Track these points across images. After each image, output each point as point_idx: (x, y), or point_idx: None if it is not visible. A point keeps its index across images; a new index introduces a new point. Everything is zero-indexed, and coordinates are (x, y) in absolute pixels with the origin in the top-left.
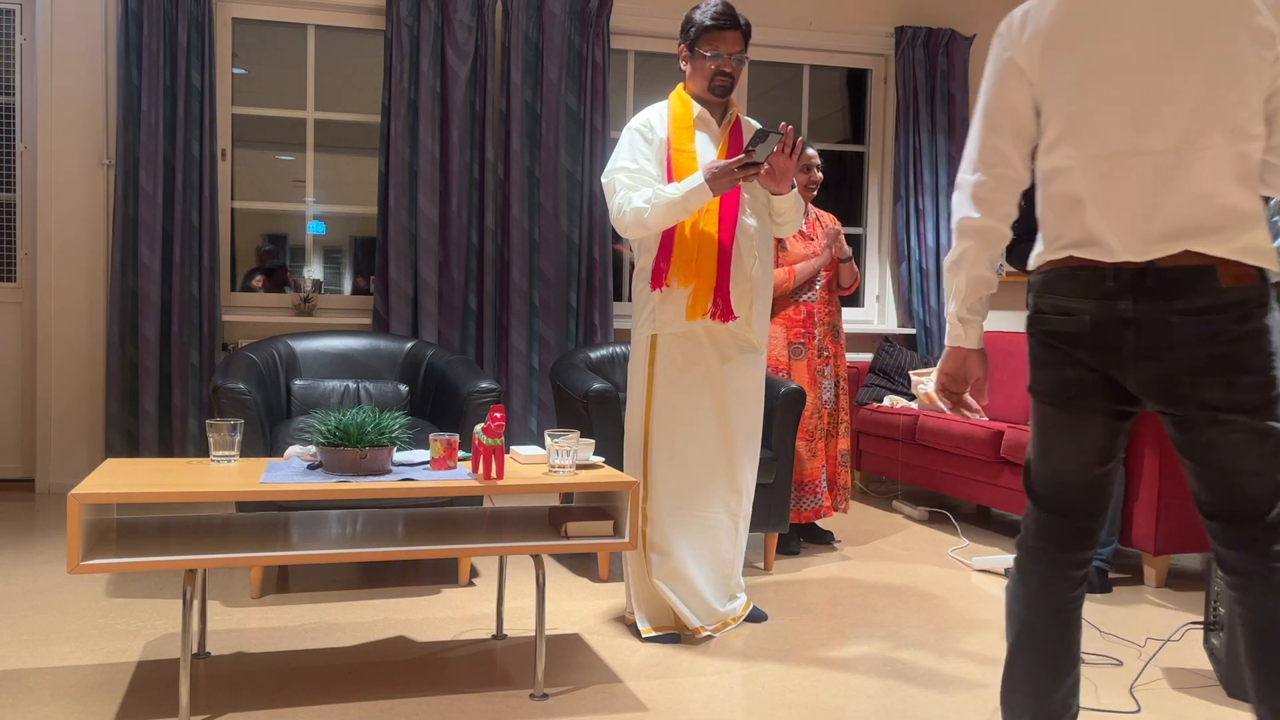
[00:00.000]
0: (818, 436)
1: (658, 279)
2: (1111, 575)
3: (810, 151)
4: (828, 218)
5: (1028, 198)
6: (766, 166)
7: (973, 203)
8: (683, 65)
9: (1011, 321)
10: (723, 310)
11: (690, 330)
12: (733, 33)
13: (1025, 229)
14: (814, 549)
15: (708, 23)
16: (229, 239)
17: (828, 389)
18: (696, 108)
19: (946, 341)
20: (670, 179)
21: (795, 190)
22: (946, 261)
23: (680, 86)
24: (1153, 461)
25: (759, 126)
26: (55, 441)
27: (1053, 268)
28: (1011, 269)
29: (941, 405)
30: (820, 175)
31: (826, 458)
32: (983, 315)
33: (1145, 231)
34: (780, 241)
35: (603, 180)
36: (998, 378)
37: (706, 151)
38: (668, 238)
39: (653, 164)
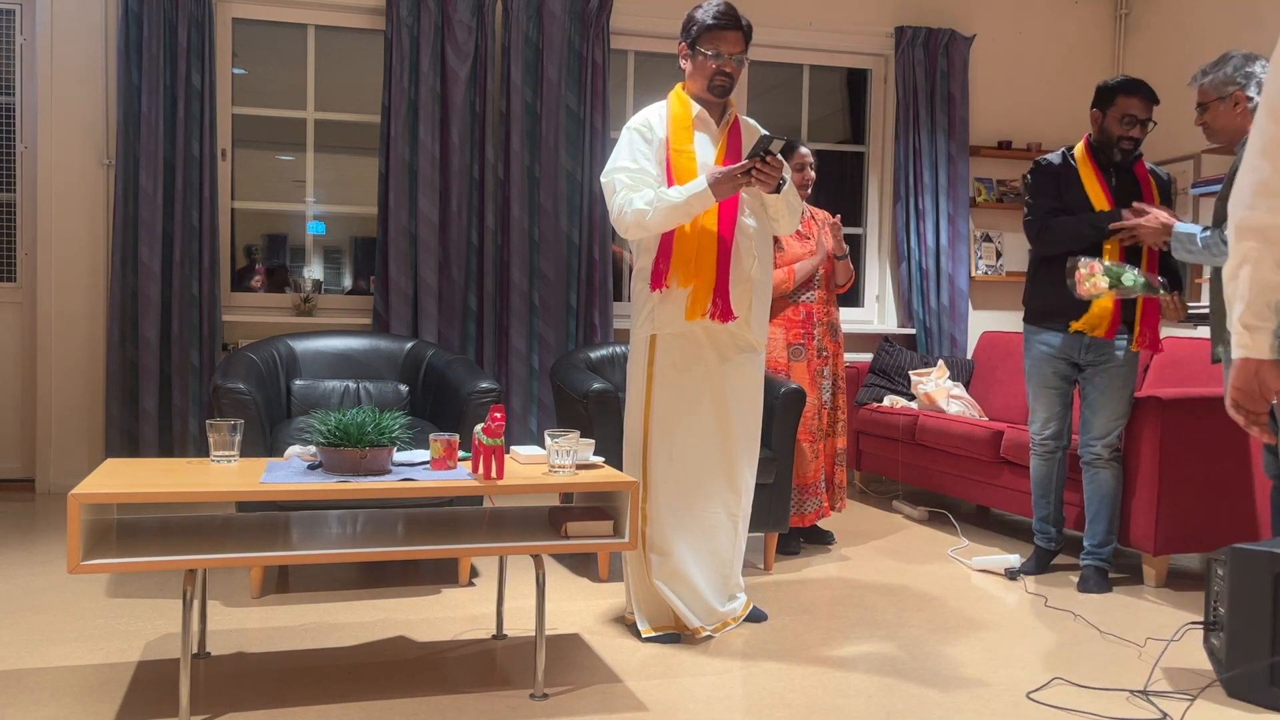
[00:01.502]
0: (818, 437)
1: (657, 279)
2: (1111, 575)
3: (803, 150)
4: (822, 215)
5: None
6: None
7: (1257, 197)
8: (683, 64)
9: (1013, 321)
10: (722, 310)
11: (689, 330)
12: (734, 33)
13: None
14: (814, 549)
15: (710, 21)
16: (229, 239)
17: (826, 389)
18: (695, 108)
19: (1234, 354)
20: (670, 179)
21: (787, 187)
22: (1226, 270)
23: (679, 86)
24: (1152, 461)
25: (758, 127)
26: (55, 441)
27: None
28: (1011, 270)
29: (941, 406)
30: (813, 174)
31: (825, 458)
32: (1273, 322)
33: None
34: (777, 241)
35: (602, 180)
36: (998, 377)
37: (705, 152)
38: (667, 238)
39: (652, 164)
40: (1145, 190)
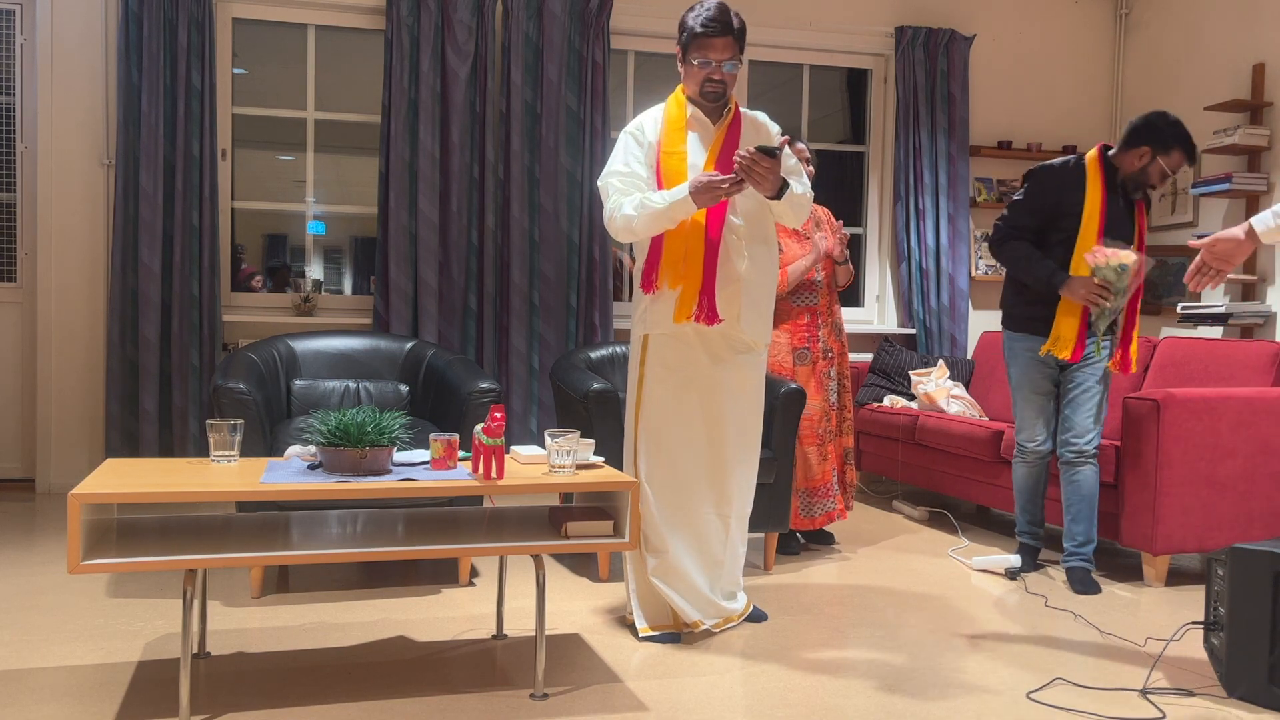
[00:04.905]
0: (827, 440)
1: (647, 281)
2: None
3: (800, 145)
4: (823, 213)
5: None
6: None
7: None
8: (679, 67)
9: None
10: (707, 312)
11: (680, 331)
12: (723, 39)
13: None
14: (814, 549)
15: (698, 30)
16: (229, 239)
17: (833, 390)
18: (690, 109)
19: None
20: (659, 181)
21: (790, 191)
22: None
23: (679, 87)
24: (1152, 461)
25: (766, 120)
26: (55, 441)
27: None
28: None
29: (942, 406)
30: (811, 169)
31: (834, 458)
32: None
33: None
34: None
35: (598, 184)
36: (998, 377)
37: (697, 153)
38: (657, 239)
39: (643, 166)
40: (1139, 214)
